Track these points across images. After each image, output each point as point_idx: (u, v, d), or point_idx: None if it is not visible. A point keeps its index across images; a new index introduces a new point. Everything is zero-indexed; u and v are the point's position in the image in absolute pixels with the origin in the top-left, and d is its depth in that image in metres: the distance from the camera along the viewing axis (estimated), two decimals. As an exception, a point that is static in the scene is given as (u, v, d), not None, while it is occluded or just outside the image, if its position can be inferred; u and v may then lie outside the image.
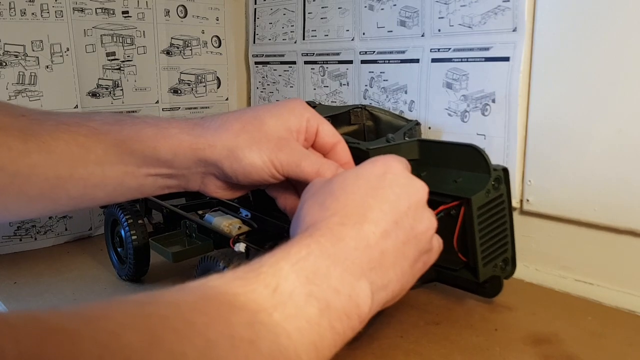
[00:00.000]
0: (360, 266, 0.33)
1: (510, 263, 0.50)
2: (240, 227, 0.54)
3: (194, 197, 0.66)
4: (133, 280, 0.61)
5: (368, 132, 0.72)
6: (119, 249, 0.62)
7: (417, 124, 0.67)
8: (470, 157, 0.47)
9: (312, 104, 0.73)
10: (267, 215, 0.54)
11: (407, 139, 0.60)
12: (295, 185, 0.46)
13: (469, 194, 0.45)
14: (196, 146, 0.43)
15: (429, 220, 0.38)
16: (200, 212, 0.62)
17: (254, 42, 0.94)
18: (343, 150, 0.47)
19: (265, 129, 0.43)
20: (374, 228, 0.35)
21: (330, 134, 0.46)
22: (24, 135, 0.40)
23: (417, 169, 0.40)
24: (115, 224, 0.62)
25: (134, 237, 0.57)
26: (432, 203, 0.40)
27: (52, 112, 0.45)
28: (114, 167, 0.42)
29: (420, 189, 0.38)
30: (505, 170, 0.47)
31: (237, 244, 0.48)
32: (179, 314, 0.25)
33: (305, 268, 0.31)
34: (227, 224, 0.55)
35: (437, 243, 0.41)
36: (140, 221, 0.58)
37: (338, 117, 0.71)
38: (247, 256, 0.47)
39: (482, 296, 0.51)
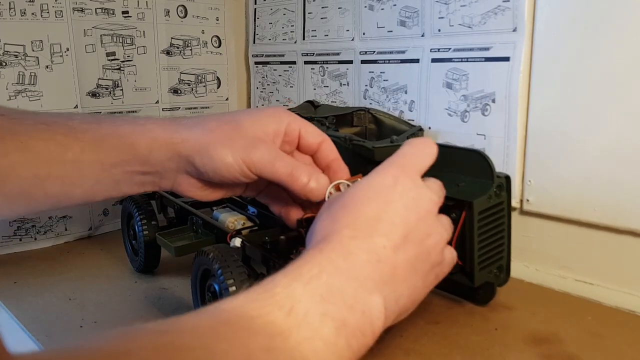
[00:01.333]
0: (373, 280, 0.33)
1: (504, 271, 0.50)
2: (244, 223, 0.55)
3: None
4: (144, 272, 0.63)
5: (370, 134, 0.73)
6: (132, 242, 0.65)
7: (420, 129, 0.67)
8: (475, 162, 0.47)
9: (315, 104, 0.74)
10: None
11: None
12: (287, 191, 0.47)
13: (471, 198, 0.45)
14: (170, 141, 0.43)
15: (438, 233, 0.38)
16: (214, 208, 0.63)
17: (254, 42, 0.94)
18: (329, 148, 0.47)
19: (241, 130, 0.44)
20: (385, 241, 0.34)
21: (314, 135, 0.47)
22: (2, 134, 0.40)
23: None
24: (130, 218, 0.64)
25: (145, 232, 0.60)
26: None
27: (32, 112, 0.45)
28: (91, 165, 0.42)
29: (430, 201, 0.38)
30: (507, 178, 0.47)
31: (233, 239, 0.49)
32: (200, 342, 0.25)
33: (319, 287, 0.31)
34: (232, 220, 0.55)
35: (450, 255, 0.41)
36: (152, 216, 0.61)
37: (341, 118, 0.71)
38: (243, 251, 0.48)
39: (474, 303, 0.52)
